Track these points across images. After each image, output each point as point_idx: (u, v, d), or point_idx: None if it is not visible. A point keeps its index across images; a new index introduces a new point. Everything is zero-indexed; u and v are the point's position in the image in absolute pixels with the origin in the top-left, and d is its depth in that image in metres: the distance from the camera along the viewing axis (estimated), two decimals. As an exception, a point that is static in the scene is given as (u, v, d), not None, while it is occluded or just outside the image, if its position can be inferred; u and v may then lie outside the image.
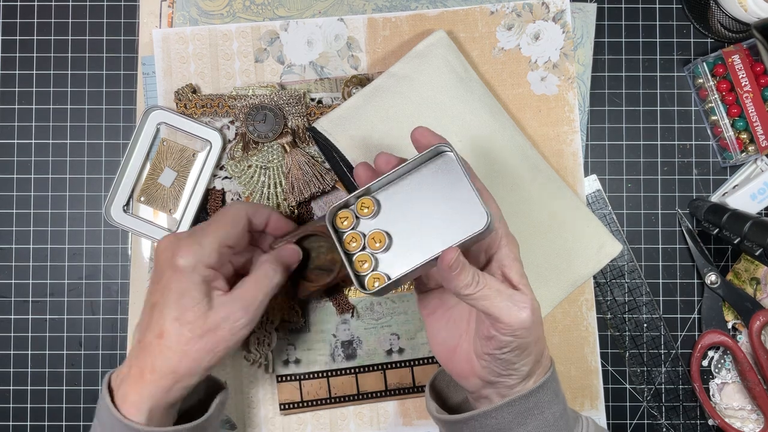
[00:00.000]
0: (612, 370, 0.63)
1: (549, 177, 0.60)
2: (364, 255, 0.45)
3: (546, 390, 0.44)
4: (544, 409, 0.44)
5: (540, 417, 0.44)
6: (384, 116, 0.57)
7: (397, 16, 0.62)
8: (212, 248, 0.47)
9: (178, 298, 0.46)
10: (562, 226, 0.59)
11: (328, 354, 0.62)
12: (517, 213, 0.58)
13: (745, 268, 0.63)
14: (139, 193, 0.61)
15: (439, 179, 0.45)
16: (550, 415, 0.45)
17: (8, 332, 0.63)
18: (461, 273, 0.41)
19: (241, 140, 0.60)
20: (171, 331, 0.45)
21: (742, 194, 0.61)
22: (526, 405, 0.44)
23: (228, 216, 0.50)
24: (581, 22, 0.63)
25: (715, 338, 0.62)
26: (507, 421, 0.44)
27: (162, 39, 0.61)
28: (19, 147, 0.63)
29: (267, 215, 0.53)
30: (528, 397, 0.44)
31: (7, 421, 0.62)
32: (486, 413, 0.44)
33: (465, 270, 0.41)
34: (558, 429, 0.45)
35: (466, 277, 0.41)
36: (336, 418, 0.62)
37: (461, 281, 0.41)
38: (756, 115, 0.61)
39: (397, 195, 0.46)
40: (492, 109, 0.59)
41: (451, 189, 0.44)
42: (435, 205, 0.44)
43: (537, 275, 0.59)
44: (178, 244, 0.47)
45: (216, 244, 0.47)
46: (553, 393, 0.45)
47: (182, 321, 0.45)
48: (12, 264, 0.63)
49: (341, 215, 0.46)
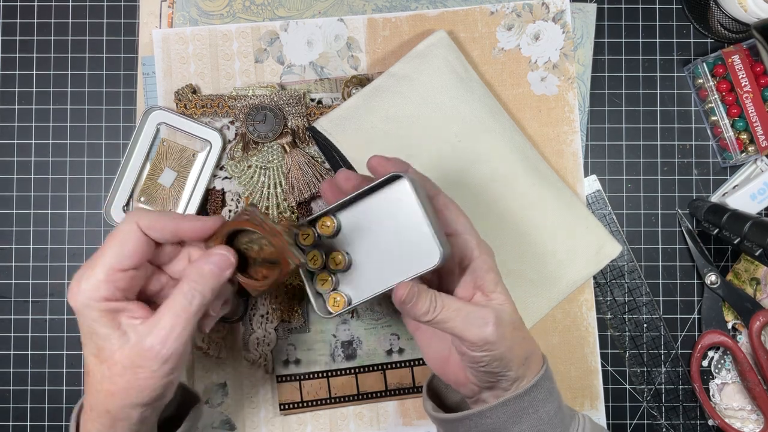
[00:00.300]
0: (612, 370, 0.63)
1: (548, 178, 0.60)
2: (324, 274, 0.46)
3: (540, 389, 0.45)
4: (539, 407, 0.45)
5: (534, 416, 0.45)
6: (384, 116, 0.57)
7: (397, 16, 0.62)
8: (100, 279, 0.41)
9: (89, 335, 0.42)
10: (561, 226, 0.59)
11: (328, 354, 0.62)
12: (517, 213, 0.58)
13: (745, 268, 0.63)
14: (139, 194, 0.61)
15: (398, 207, 0.44)
16: (545, 414, 0.45)
17: (8, 332, 0.63)
18: (417, 304, 0.42)
19: (241, 140, 0.60)
20: (94, 369, 0.42)
21: (742, 194, 0.61)
22: (521, 404, 0.44)
23: (116, 236, 0.43)
24: (581, 23, 0.63)
25: (715, 338, 0.62)
26: (502, 421, 0.44)
27: (162, 39, 0.61)
28: (19, 147, 0.63)
29: (172, 226, 0.44)
30: (522, 397, 0.44)
31: (7, 421, 0.62)
32: (481, 413, 0.45)
33: (420, 299, 0.42)
34: (553, 427, 0.45)
35: (423, 305, 0.42)
36: (336, 418, 0.62)
37: (418, 311, 0.42)
38: (756, 115, 0.61)
39: (357, 218, 0.46)
40: (492, 109, 0.59)
41: (408, 218, 0.44)
42: (392, 232, 0.44)
43: (536, 276, 0.59)
44: (73, 280, 0.42)
45: (104, 274, 0.41)
46: (547, 391, 0.45)
47: (100, 358, 0.41)
48: (12, 264, 0.63)
49: (303, 232, 0.46)
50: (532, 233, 0.59)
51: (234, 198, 0.61)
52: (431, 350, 0.48)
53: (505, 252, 0.58)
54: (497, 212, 0.58)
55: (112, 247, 0.42)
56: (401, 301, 0.42)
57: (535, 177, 0.59)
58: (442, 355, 0.47)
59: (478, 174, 0.58)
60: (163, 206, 0.61)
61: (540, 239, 0.59)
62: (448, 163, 0.57)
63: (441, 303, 0.42)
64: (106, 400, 0.41)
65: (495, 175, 0.58)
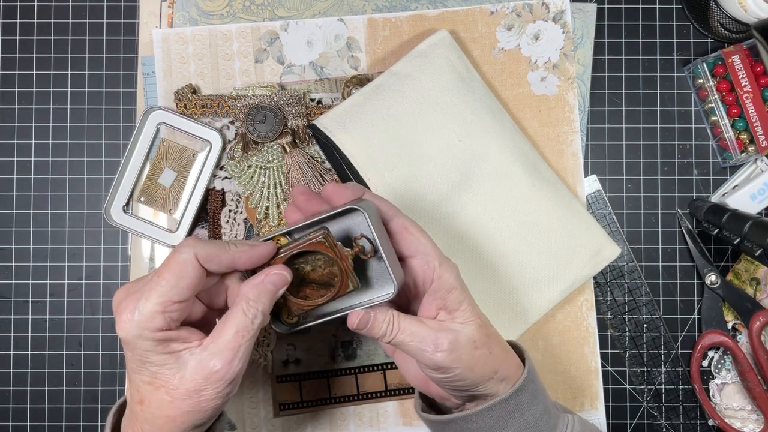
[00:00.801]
0: (612, 371, 0.63)
1: (548, 179, 0.60)
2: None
3: (524, 392, 0.45)
4: (525, 411, 0.45)
5: (521, 419, 0.45)
6: (385, 114, 0.57)
7: (397, 16, 0.62)
8: (154, 311, 0.40)
9: (141, 364, 0.41)
10: (560, 228, 0.59)
11: (328, 354, 0.62)
12: (516, 214, 0.58)
13: (745, 268, 0.63)
14: (139, 194, 0.61)
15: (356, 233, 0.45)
16: (531, 417, 0.45)
17: (8, 332, 0.63)
18: (372, 329, 0.44)
19: (241, 140, 0.60)
20: (149, 397, 0.41)
21: (742, 194, 0.61)
22: (506, 409, 0.45)
23: (173, 267, 0.41)
24: (581, 23, 0.63)
25: (715, 338, 0.62)
26: (489, 425, 0.45)
27: (162, 39, 0.61)
28: (19, 147, 0.63)
29: (228, 258, 0.43)
30: (507, 401, 0.45)
31: (7, 421, 0.62)
32: (467, 417, 0.45)
33: (376, 324, 0.44)
34: (539, 430, 0.46)
35: (379, 330, 0.44)
36: (336, 419, 0.62)
37: (375, 334, 0.44)
38: (756, 115, 0.61)
39: None
40: (493, 109, 0.59)
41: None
42: None
43: (535, 276, 0.59)
44: (118, 309, 0.41)
45: (159, 306, 0.40)
46: (532, 395, 0.46)
47: (156, 385, 0.41)
48: (12, 264, 0.63)
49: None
50: (531, 233, 0.58)
51: (234, 198, 0.61)
52: (411, 371, 0.49)
53: (503, 252, 0.58)
54: (497, 212, 0.58)
55: (169, 279, 0.41)
56: (353, 328, 0.44)
57: (534, 177, 0.59)
58: (422, 376, 0.48)
59: (479, 173, 0.58)
60: (163, 206, 0.61)
61: (539, 239, 0.59)
62: (448, 162, 0.57)
63: (398, 326, 0.44)
64: (165, 425, 0.41)
65: (495, 175, 0.58)
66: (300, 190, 0.47)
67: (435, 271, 0.44)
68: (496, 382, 0.45)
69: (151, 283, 0.41)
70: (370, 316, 0.44)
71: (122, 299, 0.41)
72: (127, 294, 0.41)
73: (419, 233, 0.45)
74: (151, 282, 0.41)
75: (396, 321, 0.44)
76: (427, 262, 0.44)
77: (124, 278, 0.63)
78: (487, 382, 0.45)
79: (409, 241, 0.45)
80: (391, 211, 0.45)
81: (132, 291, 0.41)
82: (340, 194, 0.45)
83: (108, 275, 0.63)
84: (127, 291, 0.42)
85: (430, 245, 0.45)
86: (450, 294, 0.44)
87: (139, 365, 0.41)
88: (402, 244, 0.45)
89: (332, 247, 0.44)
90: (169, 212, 0.61)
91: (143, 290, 0.41)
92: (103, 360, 0.63)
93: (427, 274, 0.44)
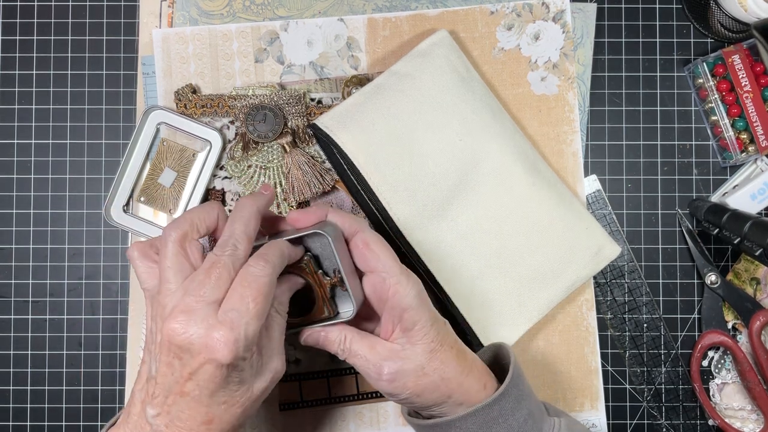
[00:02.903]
0: (612, 370, 0.63)
1: (548, 178, 0.60)
2: None
3: (508, 398, 0.46)
4: (508, 416, 0.45)
5: (504, 425, 0.45)
6: (386, 114, 0.57)
7: (397, 16, 0.62)
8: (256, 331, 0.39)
9: (223, 387, 0.39)
10: (560, 227, 0.59)
11: (328, 354, 0.61)
12: (516, 214, 0.58)
13: (745, 268, 0.63)
14: (139, 193, 0.61)
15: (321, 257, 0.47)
16: (515, 422, 0.46)
17: (8, 332, 0.63)
18: (326, 346, 0.46)
19: (241, 140, 0.60)
20: (222, 416, 0.40)
21: (742, 194, 0.61)
22: (490, 414, 0.45)
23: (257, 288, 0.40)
24: (581, 22, 0.63)
25: (715, 338, 0.62)
26: (472, 431, 0.45)
27: (162, 39, 0.61)
28: (19, 147, 0.63)
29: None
30: (491, 406, 0.45)
31: (7, 421, 0.62)
32: (450, 422, 0.45)
33: (327, 344, 0.46)
34: None
35: (332, 348, 0.46)
36: (336, 418, 0.62)
37: (329, 350, 0.46)
38: (756, 115, 0.61)
39: None
40: (493, 109, 0.59)
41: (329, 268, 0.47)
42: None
43: (535, 276, 0.59)
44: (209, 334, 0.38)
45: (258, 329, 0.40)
46: (516, 400, 0.46)
47: (231, 402, 0.40)
48: (12, 264, 0.63)
49: None
50: (532, 233, 0.58)
51: (234, 198, 0.61)
52: None
53: (504, 251, 0.58)
54: (497, 211, 0.58)
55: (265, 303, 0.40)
56: (303, 343, 0.47)
57: (535, 177, 0.59)
58: None
59: (479, 173, 0.58)
60: (163, 206, 0.61)
61: (539, 239, 0.59)
62: (448, 161, 0.57)
63: (349, 348, 0.45)
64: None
65: (495, 174, 0.58)
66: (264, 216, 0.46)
67: (390, 288, 0.44)
68: (451, 405, 0.45)
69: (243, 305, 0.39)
70: (320, 336, 0.46)
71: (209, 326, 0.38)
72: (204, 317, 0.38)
73: (380, 249, 0.45)
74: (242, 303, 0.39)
75: (347, 342, 0.45)
76: (384, 279, 0.44)
77: (124, 278, 0.63)
78: (441, 406, 0.45)
79: (368, 257, 0.45)
80: (354, 227, 0.46)
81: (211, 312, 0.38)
82: (304, 219, 0.46)
83: (108, 275, 0.63)
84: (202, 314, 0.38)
85: (389, 262, 0.45)
86: (405, 313, 0.44)
87: (221, 386, 0.39)
88: (361, 260, 0.45)
89: (312, 274, 0.45)
90: (169, 212, 0.61)
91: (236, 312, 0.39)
92: (103, 360, 0.63)
93: (383, 291, 0.44)
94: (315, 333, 0.46)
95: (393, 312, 0.44)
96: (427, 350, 0.44)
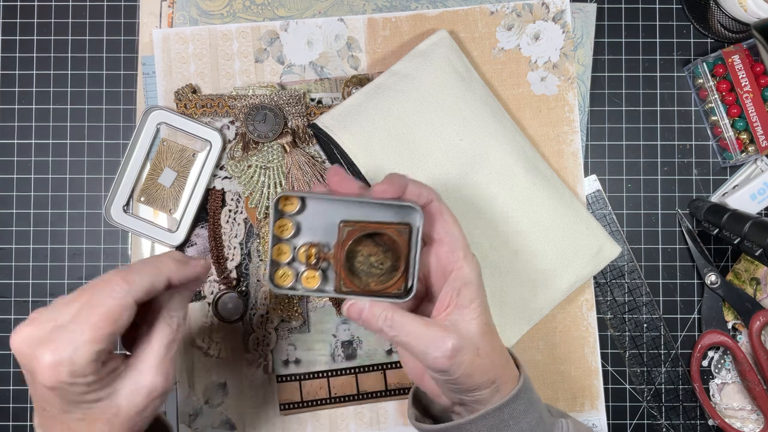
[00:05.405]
0: (612, 370, 0.63)
1: (548, 178, 0.60)
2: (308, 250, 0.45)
3: (519, 401, 0.45)
4: (520, 419, 0.45)
5: (516, 427, 0.45)
6: (386, 114, 0.57)
7: (397, 16, 0.62)
8: (88, 360, 0.37)
9: (73, 405, 0.39)
10: (560, 227, 0.59)
11: (328, 354, 0.62)
12: (516, 214, 0.58)
13: (745, 268, 0.63)
14: (139, 193, 0.61)
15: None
16: (526, 425, 0.45)
17: (8, 332, 0.63)
18: (368, 323, 0.43)
19: (241, 140, 0.60)
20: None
21: (742, 194, 0.61)
22: (501, 417, 0.44)
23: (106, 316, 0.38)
24: (581, 22, 0.63)
25: (715, 338, 0.62)
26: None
27: (162, 39, 0.61)
28: (19, 147, 0.63)
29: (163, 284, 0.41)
30: (502, 410, 0.44)
31: (7, 421, 0.62)
32: (460, 426, 0.45)
33: (370, 318, 0.43)
34: None
35: (374, 325, 0.43)
36: (336, 418, 0.62)
37: (370, 328, 0.44)
38: (756, 115, 0.61)
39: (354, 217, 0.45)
40: (493, 109, 0.59)
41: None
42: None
43: (535, 276, 0.59)
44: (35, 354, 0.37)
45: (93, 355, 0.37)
46: (527, 403, 0.45)
47: (90, 420, 0.39)
48: (12, 264, 0.63)
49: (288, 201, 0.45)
50: (532, 233, 0.58)
51: (234, 198, 0.61)
52: (411, 364, 0.49)
53: (504, 251, 0.58)
54: (497, 211, 0.58)
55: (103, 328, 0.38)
56: (344, 315, 0.44)
57: (535, 177, 0.59)
58: (420, 370, 0.48)
59: (479, 173, 0.58)
60: (163, 206, 0.61)
61: (539, 239, 0.59)
62: (449, 161, 0.57)
63: (397, 327, 0.43)
64: None
65: (495, 175, 0.58)
66: (335, 171, 0.45)
67: (457, 261, 0.44)
68: (491, 391, 0.45)
69: (79, 328, 0.37)
70: (364, 308, 0.43)
71: (38, 343, 0.37)
72: (40, 334, 0.37)
73: (452, 221, 0.45)
74: (78, 326, 0.37)
75: (394, 316, 0.43)
76: (453, 250, 0.44)
77: (124, 278, 0.63)
78: (483, 390, 0.44)
79: (442, 226, 0.45)
80: (430, 195, 0.45)
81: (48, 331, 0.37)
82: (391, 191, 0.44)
83: (108, 275, 0.63)
84: (39, 329, 0.38)
85: (460, 236, 0.45)
86: (465, 288, 0.44)
87: (69, 406, 0.39)
88: (434, 227, 0.45)
89: (405, 245, 0.44)
90: (169, 212, 0.61)
91: (68, 334, 0.37)
92: (103, 360, 0.63)
93: (449, 263, 0.44)
94: (359, 305, 0.43)
95: (453, 285, 0.44)
96: (480, 331, 0.43)
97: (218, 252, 0.61)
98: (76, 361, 0.37)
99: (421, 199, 0.44)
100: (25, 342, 0.38)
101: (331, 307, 0.61)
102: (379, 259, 0.45)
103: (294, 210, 0.45)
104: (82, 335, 0.37)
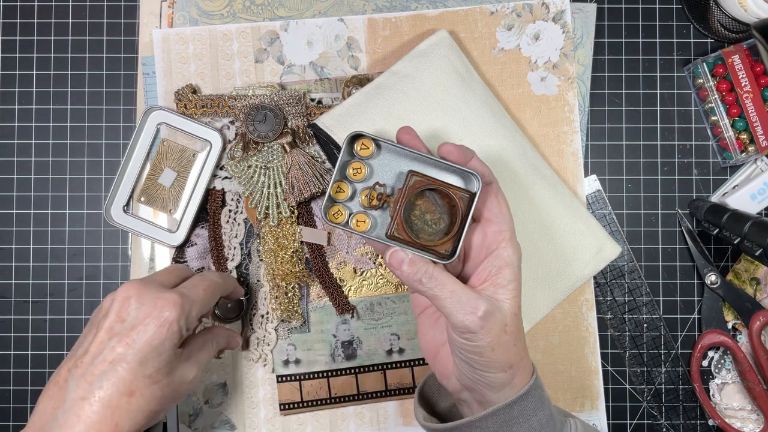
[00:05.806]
0: (612, 370, 0.63)
1: (548, 178, 0.60)
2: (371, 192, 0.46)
3: (530, 398, 0.45)
4: (530, 416, 0.44)
5: (525, 425, 0.44)
6: (386, 114, 0.57)
7: (397, 16, 0.62)
8: (202, 308, 0.47)
9: (157, 355, 0.44)
10: (560, 227, 0.59)
11: (328, 354, 0.62)
12: (516, 214, 0.58)
13: (745, 268, 0.63)
14: (139, 194, 0.61)
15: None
16: (536, 422, 0.45)
17: (8, 332, 0.63)
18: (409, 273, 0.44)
19: (241, 140, 0.60)
20: (143, 391, 0.43)
21: (742, 194, 0.61)
22: (511, 414, 0.44)
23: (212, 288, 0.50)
24: (581, 23, 0.63)
25: (715, 338, 0.62)
26: (492, 431, 0.44)
27: (162, 39, 0.61)
28: (19, 147, 0.63)
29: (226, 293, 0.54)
30: (512, 406, 0.44)
31: (7, 421, 0.62)
32: (470, 423, 0.45)
33: (412, 267, 0.44)
34: None
35: (413, 275, 0.44)
36: (336, 419, 0.62)
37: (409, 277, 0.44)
38: (756, 115, 0.61)
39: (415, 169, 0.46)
40: (493, 109, 0.59)
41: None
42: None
43: (535, 276, 0.59)
44: (160, 297, 0.45)
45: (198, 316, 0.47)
46: (538, 400, 0.45)
47: (154, 379, 0.44)
48: (12, 264, 0.63)
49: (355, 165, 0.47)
50: (532, 233, 0.58)
51: (234, 198, 0.61)
52: (428, 337, 0.49)
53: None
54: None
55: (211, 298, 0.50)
56: (387, 263, 0.45)
57: (535, 177, 0.59)
58: (436, 344, 0.48)
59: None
60: (163, 207, 0.61)
61: (539, 239, 0.59)
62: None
63: (436, 281, 0.43)
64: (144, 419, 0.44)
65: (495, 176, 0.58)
66: (407, 129, 0.47)
67: (503, 241, 0.45)
68: (505, 377, 0.44)
69: (199, 287, 0.48)
70: (405, 258, 0.44)
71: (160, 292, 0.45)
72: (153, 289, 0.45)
73: (505, 204, 0.46)
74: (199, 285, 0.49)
75: (435, 276, 0.43)
76: (501, 230, 0.45)
77: (124, 278, 0.63)
78: (499, 372, 0.44)
79: (495, 205, 0.46)
80: (492, 177, 0.46)
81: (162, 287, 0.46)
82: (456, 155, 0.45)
83: (108, 275, 0.63)
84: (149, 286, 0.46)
85: (508, 219, 0.46)
86: (506, 268, 0.44)
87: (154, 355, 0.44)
88: (487, 205, 0.46)
89: (464, 210, 0.44)
90: (169, 212, 0.61)
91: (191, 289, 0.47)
92: (103, 360, 0.63)
93: (494, 241, 0.45)
94: (401, 254, 0.44)
95: (494, 263, 0.45)
96: (512, 312, 0.44)
97: (218, 252, 0.61)
98: (192, 313, 0.46)
99: (483, 176, 0.45)
100: (137, 291, 0.45)
101: (331, 307, 0.61)
102: (434, 218, 0.46)
103: (369, 154, 0.46)
104: (197, 294, 0.48)
